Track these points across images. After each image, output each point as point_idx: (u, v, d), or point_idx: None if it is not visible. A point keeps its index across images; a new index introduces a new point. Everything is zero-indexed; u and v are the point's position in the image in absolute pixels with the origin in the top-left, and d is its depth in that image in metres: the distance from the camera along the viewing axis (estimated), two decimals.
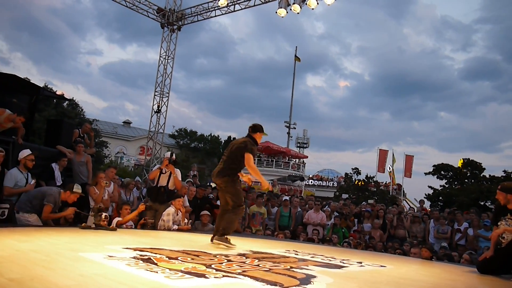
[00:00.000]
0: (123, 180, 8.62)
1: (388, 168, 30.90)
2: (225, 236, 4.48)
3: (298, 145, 40.57)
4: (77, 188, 5.44)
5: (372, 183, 28.08)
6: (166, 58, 14.29)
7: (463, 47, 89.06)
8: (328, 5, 10.70)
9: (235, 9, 12.88)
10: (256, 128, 4.89)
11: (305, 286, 2.49)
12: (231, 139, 35.98)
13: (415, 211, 9.97)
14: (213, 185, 13.59)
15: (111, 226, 5.52)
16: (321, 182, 34.53)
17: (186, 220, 6.71)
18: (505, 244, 4.12)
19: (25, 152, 5.65)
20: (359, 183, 28.10)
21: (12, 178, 5.42)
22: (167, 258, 3.08)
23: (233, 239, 4.62)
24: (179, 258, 3.14)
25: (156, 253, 3.29)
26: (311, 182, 33.96)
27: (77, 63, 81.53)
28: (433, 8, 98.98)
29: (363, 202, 12.54)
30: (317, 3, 10.74)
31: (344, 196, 16.77)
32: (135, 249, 3.44)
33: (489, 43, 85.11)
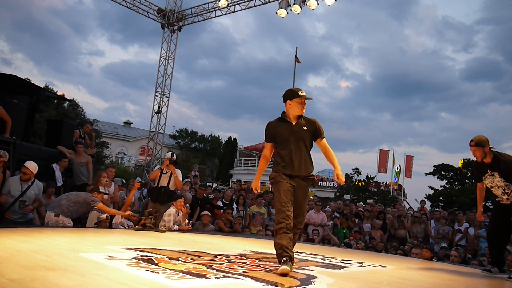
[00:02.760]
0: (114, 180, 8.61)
1: (396, 168, 30.84)
2: (283, 259, 2.97)
3: None
4: (102, 189, 5.83)
5: (373, 184, 28.07)
6: (167, 58, 14.30)
7: (464, 48, 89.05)
8: (329, 5, 10.70)
9: (236, 10, 12.89)
10: (283, 98, 3.45)
11: (306, 286, 2.50)
12: (232, 139, 36.01)
13: (413, 212, 9.95)
14: (214, 185, 13.58)
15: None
16: (321, 182, 34.49)
17: (186, 221, 6.72)
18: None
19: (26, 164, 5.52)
20: (360, 184, 28.09)
21: (7, 185, 5.33)
22: (167, 259, 3.09)
23: (234, 240, 4.60)
24: (179, 259, 3.14)
25: (156, 254, 3.29)
26: None
27: (79, 64, 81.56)
28: (434, 9, 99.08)
29: (360, 202, 12.51)
30: (317, 4, 10.75)
31: (346, 196, 16.70)
32: (135, 250, 3.44)
33: (490, 44, 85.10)
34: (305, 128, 3.32)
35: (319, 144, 3.40)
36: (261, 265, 3.25)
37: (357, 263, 4.25)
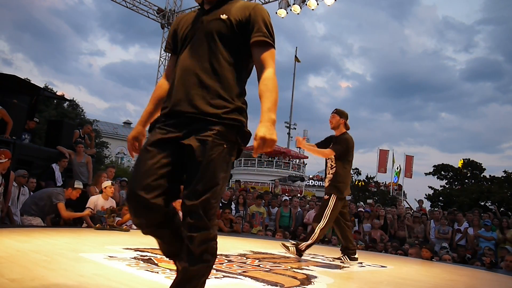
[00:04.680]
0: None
1: (396, 168, 30.85)
2: None
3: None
4: (78, 184, 5.50)
5: (372, 184, 28.09)
6: (167, 58, 14.30)
7: (465, 48, 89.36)
8: (328, 5, 10.71)
9: None
10: None
11: (306, 286, 2.50)
12: None
13: (412, 212, 9.95)
14: None
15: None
16: (321, 182, 34.50)
17: None
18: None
19: None
20: (359, 184, 28.11)
21: None
22: (167, 259, 3.08)
23: (234, 240, 4.58)
24: None
25: (156, 254, 3.29)
26: (312, 182, 33.96)
27: (79, 64, 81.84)
28: (435, 9, 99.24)
29: (360, 203, 12.50)
30: (317, 4, 10.75)
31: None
32: (135, 250, 3.44)
33: (491, 44, 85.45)
34: (223, 16, 1.59)
35: (253, 54, 1.60)
36: (261, 265, 3.24)
37: (357, 263, 4.25)
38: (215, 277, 2.48)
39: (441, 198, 26.01)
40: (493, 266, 5.62)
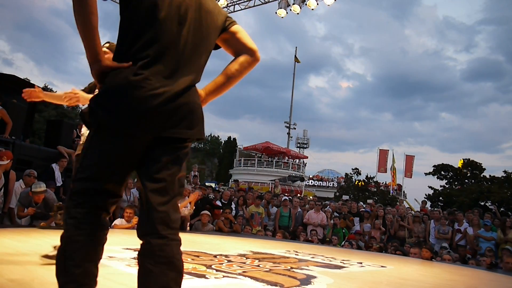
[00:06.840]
0: None
1: (390, 167, 30.86)
2: None
3: (298, 145, 40.54)
4: (35, 188, 5.11)
5: (372, 184, 28.08)
6: None
7: (466, 48, 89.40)
8: (328, 5, 10.70)
9: (235, 10, 12.89)
10: None
11: (305, 286, 2.50)
12: (232, 139, 36.04)
13: (413, 212, 9.95)
14: (213, 185, 13.54)
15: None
16: (321, 182, 34.51)
17: (189, 207, 6.68)
18: None
19: None
20: (359, 184, 28.10)
21: None
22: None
23: (233, 240, 4.59)
24: None
25: None
26: (311, 182, 33.95)
27: (79, 64, 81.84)
28: (435, 9, 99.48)
29: (359, 203, 12.51)
30: (317, 4, 10.76)
31: (345, 197, 16.74)
32: (135, 250, 3.43)
33: (492, 44, 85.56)
34: None
35: None
36: (260, 265, 3.24)
37: (357, 263, 4.25)
38: (215, 277, 2.48)
39: (441, 198, 25.99)
40: (493, 267, 5.62)
